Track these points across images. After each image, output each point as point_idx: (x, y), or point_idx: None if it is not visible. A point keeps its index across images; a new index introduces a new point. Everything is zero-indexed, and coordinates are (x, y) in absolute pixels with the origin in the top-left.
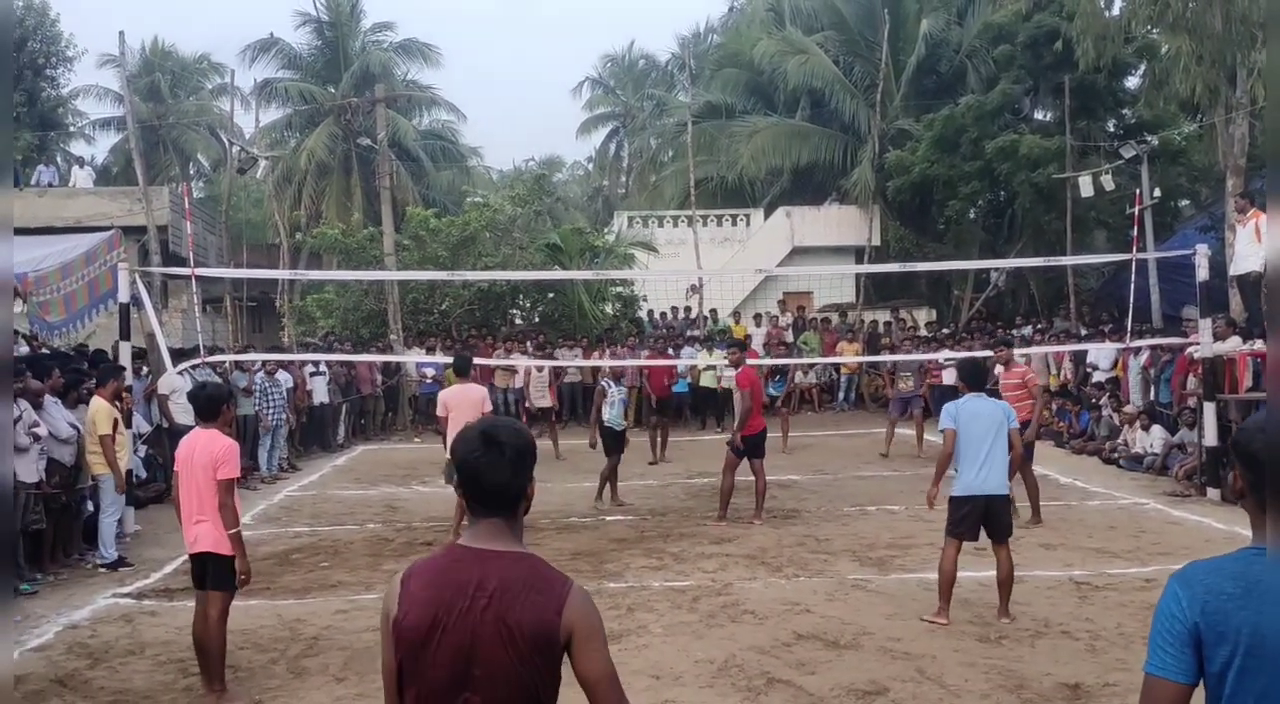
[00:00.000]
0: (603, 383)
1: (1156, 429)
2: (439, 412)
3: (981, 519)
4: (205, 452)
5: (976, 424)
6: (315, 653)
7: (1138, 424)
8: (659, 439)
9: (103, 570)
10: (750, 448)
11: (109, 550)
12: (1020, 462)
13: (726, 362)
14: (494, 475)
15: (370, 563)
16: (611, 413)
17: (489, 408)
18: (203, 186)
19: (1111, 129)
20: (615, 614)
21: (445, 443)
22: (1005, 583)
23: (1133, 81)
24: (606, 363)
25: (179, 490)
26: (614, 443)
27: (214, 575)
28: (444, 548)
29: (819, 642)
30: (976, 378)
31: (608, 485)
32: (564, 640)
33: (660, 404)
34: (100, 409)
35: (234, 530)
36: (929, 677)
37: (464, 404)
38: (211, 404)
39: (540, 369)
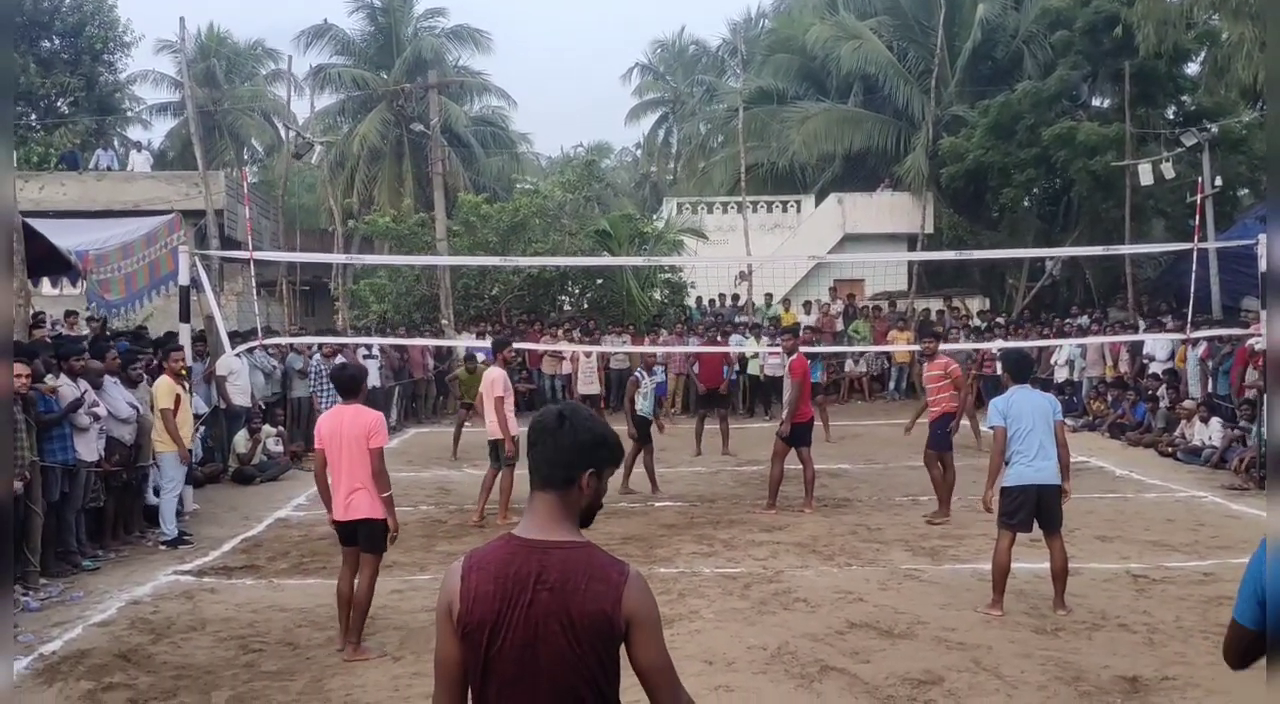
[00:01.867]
0: (636, 374)
1: (1215, 421)
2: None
3: (1034, 510)
4: (355, 425)
5: (1025, 416)
6: (372, 632)
7: (1196, 416)
8: (721, 430)
9: (164, 547)
10: (797, 436)
11: (170, 526)
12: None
13: (781, 348)
14: (557, 441)
15: (424, 544)
16: (644, 404)
17: (498, 392)
18: (257, 172)
19: (1171, 116)
20: (667, 599)
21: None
22: (1060, 574)
23: (1193, 68)
24: (655, 349)
25: (325, 465)
26: (644, 432)
27: (368, 540)
28: (502, 539)
29: (872, 630)
30: (1022, 369)
31: (637, 472)
32: (623, 628)
33: (710, 394)
34: (162, 385)
35: (386, 494)
36: (985, 667)
37: (483, 385)
38: (354, 382)
39: (588, 356)
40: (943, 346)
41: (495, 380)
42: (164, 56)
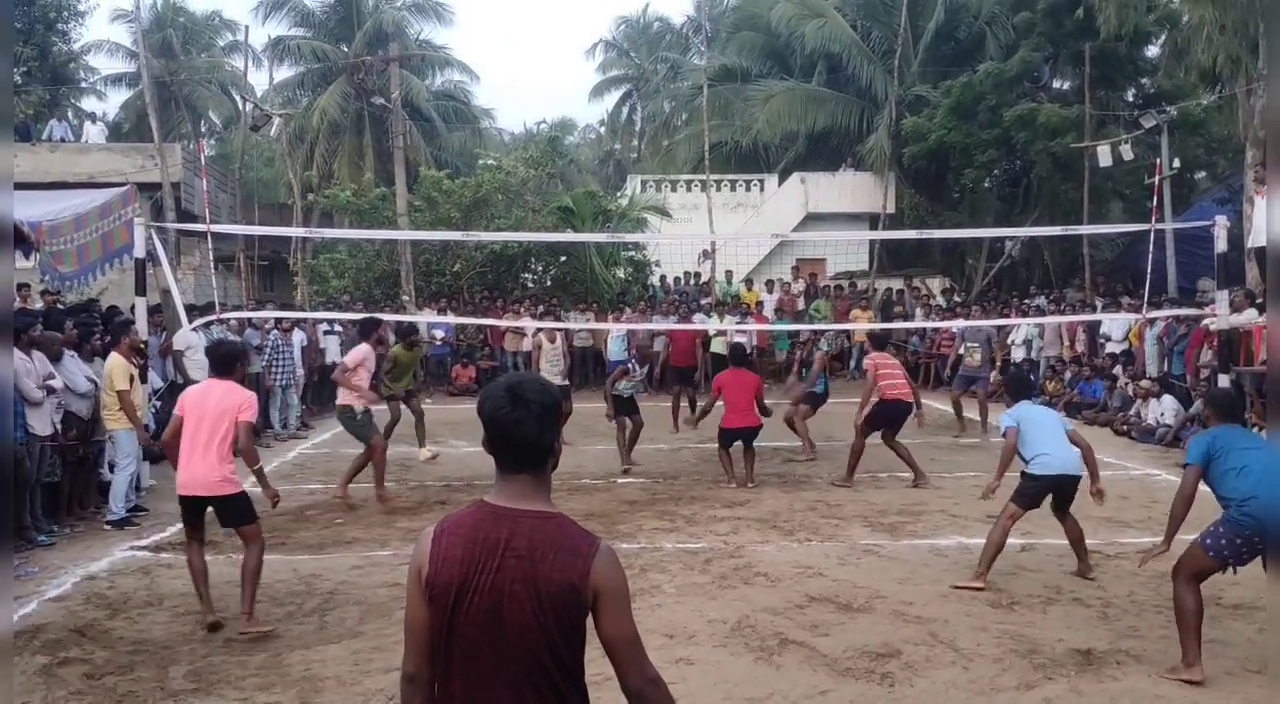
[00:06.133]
0: (630, 364)
1: (1168, 399)
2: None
3: (1049, 494)
4: (225, 398)
5: (1037, 420)
6: (332, 607)
7: (1151, 396)
8: (685, 406)
9: (108, 527)
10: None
11: (118, 506)
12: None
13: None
14: (522, 431)
15: (384, 520)
16: (626, 387)
17: (351, 363)
18: (214, 144)
19: (1130, 98)
20: (628, 574)
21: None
22: (1080, 540)
23: (1153, 50)
24: (622, 327)
25: (177, 435)
26: (629, 407)
27: (232, 517)
28: (473, 505)
29: (832, 604)
30: (1023, 388)
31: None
32: (590, 599)
33: (681, 372)
34: (117, 365)
35: (258, 466)
36: (941, 640)
37: (369, 362)
38: (228, 359)
39: (553, 341)
40: (904, 324)
41: (354, 351)
42: (119, 26)
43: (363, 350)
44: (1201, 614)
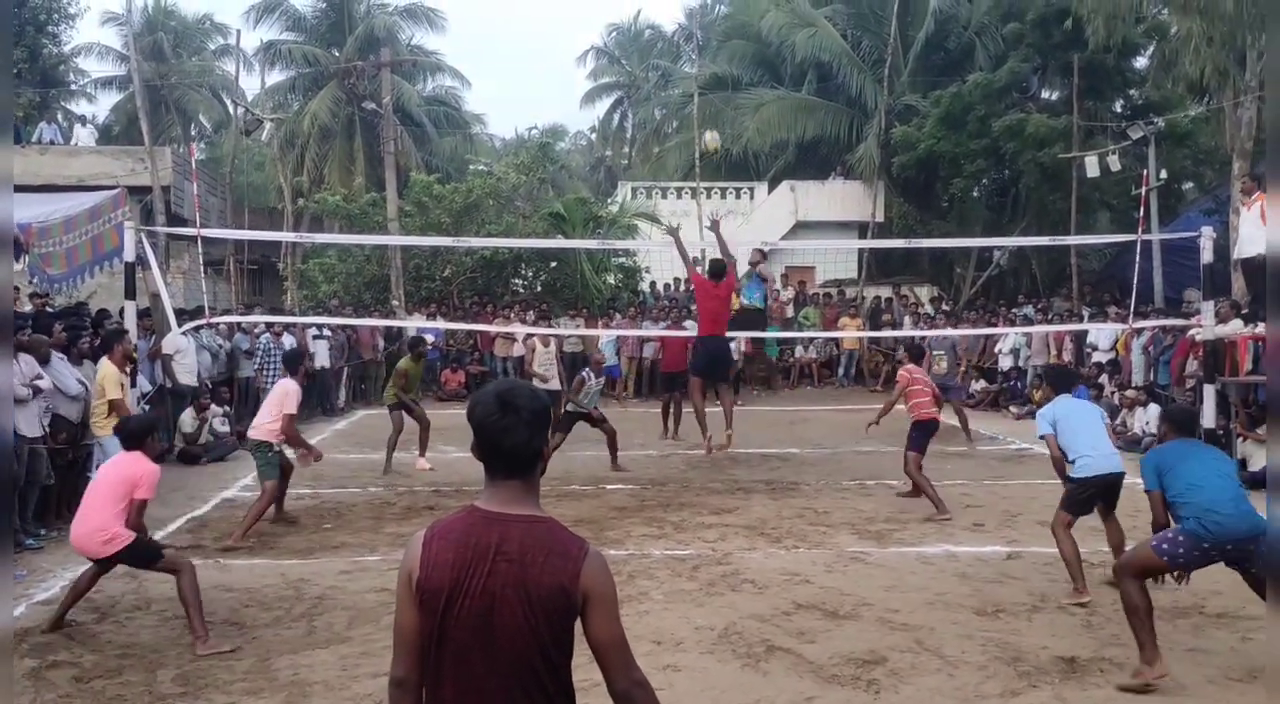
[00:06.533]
0: (584, 374)
1: (1154, 408)
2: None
3: (1100, 497)
4: (126, 470)
5: (1074, 416)
6: (320, 612)
7: (1136, 405)
8: (674, 415)
9: None
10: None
11: None
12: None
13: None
14: (512, 437)
15: (373, 526)
16: (585, 400)
17: (290, 408)
18: (204, 148)
19: (1119, 110)
20: (616, 581)
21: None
22: (1120, 547)
23: (1141, 62)
24: (612, 332)
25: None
26: (568, 422)
27: (138, 562)
28: (464, 510)
29: (818, 612)
30: (1064, 381)
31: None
32: (579, 603)
33: (671, 378)
34: (109, 374)
35: (144, 535)
36: (927, 648)
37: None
38: (139, 433)
39: (546, 345)
40: (891, 333)
41: (290, 393)
42: (110, 29)
43: (294, 390)
44: (1151, 610)
